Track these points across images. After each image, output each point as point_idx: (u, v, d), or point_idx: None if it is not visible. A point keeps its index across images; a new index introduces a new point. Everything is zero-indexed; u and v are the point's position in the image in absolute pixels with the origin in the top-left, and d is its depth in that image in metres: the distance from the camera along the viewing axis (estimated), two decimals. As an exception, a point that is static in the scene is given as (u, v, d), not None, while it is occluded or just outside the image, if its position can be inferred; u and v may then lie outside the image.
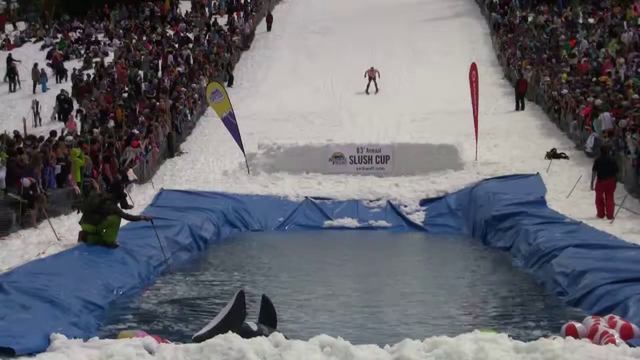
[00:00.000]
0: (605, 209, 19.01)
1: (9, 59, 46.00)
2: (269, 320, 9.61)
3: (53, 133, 26.37)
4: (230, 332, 8.33)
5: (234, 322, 8.86)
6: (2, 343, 8.42)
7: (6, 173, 18.31)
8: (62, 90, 39.79)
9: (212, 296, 12.95)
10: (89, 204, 15.40)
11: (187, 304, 12.43)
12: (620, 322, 9.35)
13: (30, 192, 18.16)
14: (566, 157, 27.22)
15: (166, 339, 8.99)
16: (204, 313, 11.55)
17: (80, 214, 15.89)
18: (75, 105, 38.74)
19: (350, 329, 10.60)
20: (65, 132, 30.27)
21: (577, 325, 9.49)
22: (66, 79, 45.19)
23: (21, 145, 21.97)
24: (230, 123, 27.58)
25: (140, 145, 27.44)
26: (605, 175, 19.40)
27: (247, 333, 8.66)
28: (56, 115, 37.73)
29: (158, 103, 35.32)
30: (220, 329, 8.59)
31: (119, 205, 15.66)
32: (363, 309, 12.06)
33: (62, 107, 37.81)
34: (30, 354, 8.38)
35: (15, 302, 10.24)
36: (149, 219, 15.79)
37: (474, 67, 28.89)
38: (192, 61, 46.01)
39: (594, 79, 34.40)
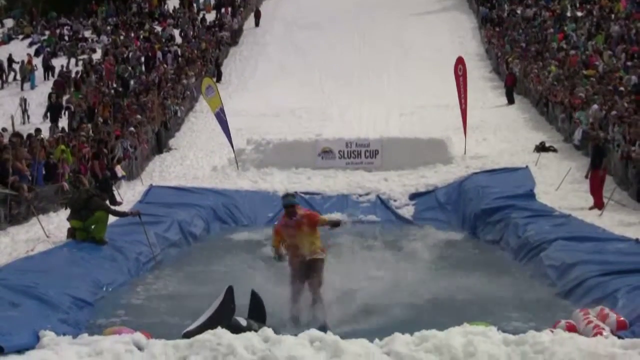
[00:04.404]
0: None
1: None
2: (258, 315, 9.60)
3: (37, 130, 26.18)
4: (219, 327, 8.32)
5: (223, 318, 8.86)
6: (-10, 340, 8.39)
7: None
8: (53, 89, 39.47)
9: (201, 292, 12.90)
10: (76, 200, 15.38)
11: (177, 299, 12.41)
12: (611, 314, 9.35)
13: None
14: (555, 150, 27.24)
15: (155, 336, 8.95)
16: (193, 308, 11.50)
17: (69, 210, 15.87)
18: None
19: (340, 323, 10.59)
20: (56, 131, 30.04)
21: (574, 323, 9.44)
22: (54, 76, 44.94)
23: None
24: (222, 119, 27.57)
25: (123, 135, 27.47)
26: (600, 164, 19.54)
27: (236, 328, 8.66)
28: (49, 114, 37.37)
29: (145, 99, 35.21)
30: (209, 324, 8.58)
31: (107, 201, 15.65)
32: (352, 303, 12.03)
33: (53, 106, 37.39)
34: (19, 351, 8.35)
35: (4, 300, 10.21)
36: (135, 214, 15.75)
37: (460, 60, 28.71)
38: (180, 57, 45.88)
39: (583, 72, 34.48)
